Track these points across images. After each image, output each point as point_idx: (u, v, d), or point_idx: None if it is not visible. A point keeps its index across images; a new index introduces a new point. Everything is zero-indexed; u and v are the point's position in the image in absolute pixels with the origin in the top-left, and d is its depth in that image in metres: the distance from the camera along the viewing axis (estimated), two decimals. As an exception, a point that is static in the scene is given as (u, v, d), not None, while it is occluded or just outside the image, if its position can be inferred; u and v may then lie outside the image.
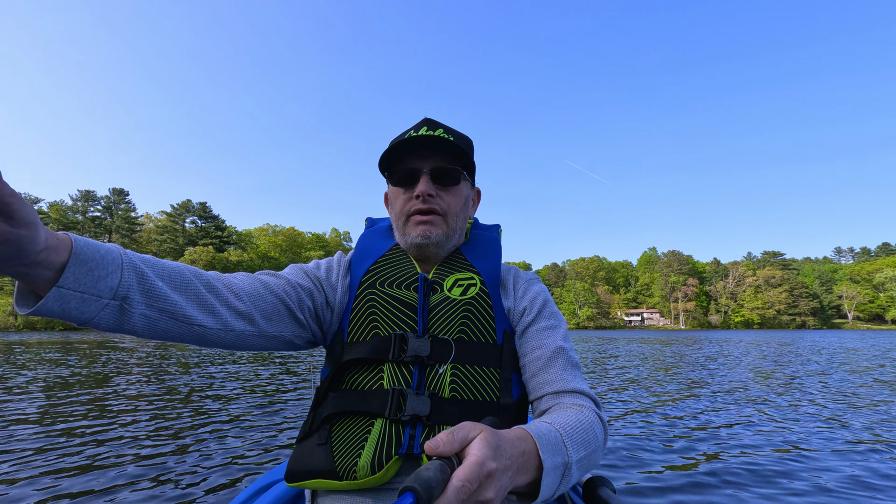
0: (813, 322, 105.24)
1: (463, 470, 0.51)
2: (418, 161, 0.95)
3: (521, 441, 0.64)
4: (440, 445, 0.53)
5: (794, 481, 2.60)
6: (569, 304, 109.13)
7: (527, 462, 0.63)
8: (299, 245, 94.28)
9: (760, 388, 6.26)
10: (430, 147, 0.94)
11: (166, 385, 6.30)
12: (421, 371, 0.84)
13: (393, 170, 0.98)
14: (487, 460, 0.53)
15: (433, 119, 1.00)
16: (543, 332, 0.94)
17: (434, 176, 0.95)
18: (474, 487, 0.51)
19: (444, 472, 0.50)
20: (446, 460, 0.52)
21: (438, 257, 1.00)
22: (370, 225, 1.14)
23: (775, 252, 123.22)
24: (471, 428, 0.57)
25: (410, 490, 0.46)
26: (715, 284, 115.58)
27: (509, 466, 0.58)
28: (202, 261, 71.39)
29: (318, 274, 0.98)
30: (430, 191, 0.94)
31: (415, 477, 0.47)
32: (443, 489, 0.48)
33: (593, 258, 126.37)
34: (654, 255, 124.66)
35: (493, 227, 1.15)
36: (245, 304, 0.81)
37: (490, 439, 0.56)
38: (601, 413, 0.85)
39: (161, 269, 0.71)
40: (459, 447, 0.54)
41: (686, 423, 4.05)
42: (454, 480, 0.50)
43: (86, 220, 74.69)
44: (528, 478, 0.64)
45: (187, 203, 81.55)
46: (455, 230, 0.99)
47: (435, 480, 0.48)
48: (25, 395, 5.31)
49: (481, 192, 1.12)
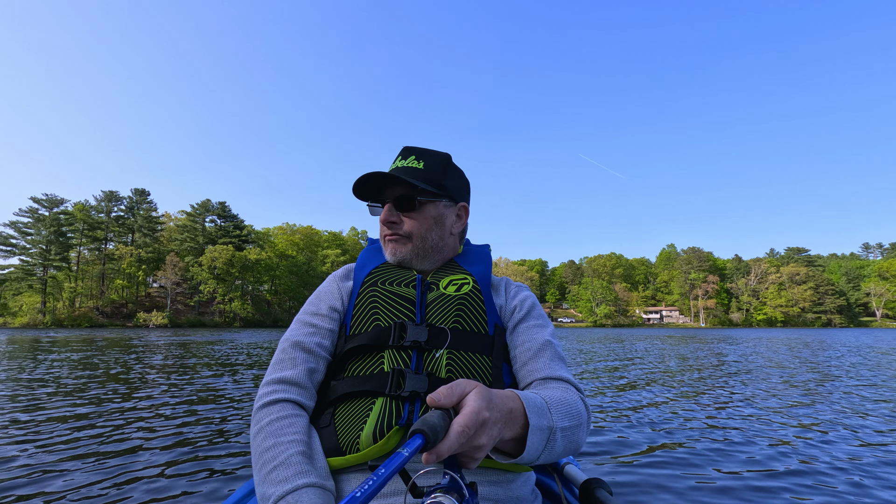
0: (839, 320, 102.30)
1: (462, 417, 0.58)
2: (387, 191, 1.07)
3: (510, 399, 0.72)
4: (441, 398, 0.60)
5: (798, 484, 2.52)
6: (586, 301, 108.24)
7: (514, 419, 0.71)
8: (316, 244, 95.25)
9: (776, 390, 6.03)
10: (386, 181, 1.05)
11: (178, 381, 6.34)
12: (419, 355, 0.92)
13: (368, 201, 1.10)
14: (482, 409, 0.61)
15: (411, 147, 1.09)
16: (532, 329, 1.03)
17: (396, 204, 1.05)
18: (472, 433, 0.58)
19: (445, 419, 0.57)
20: (445, 411, 0.59)
21: (428, 270, 1.10)
22: (371, 243, 1.24)
23: (800, 248, 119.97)
24: (466, 383, 0.64)
25: (420, 432, 0.53)
26: (736, 281, 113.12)
27: (499, 419, 0.66)
28: (222, 259, 72.66)
29: (334, 304, 1.05)
30: (391, 217, 1.05)
31: (422, 422, 0.54)
32: (445, 434, 0.56)
33: (611, 255, 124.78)
34: (674, 251, 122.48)
35: (484, 245, 1.25)
36: (314, 393, 0.95)
37: (483, 393, 0.64)
38: (585, 399, 0.92)
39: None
40: (457, 400, 0.61)
41: (690, 424, 3.92)
42: (455, 426, 0.57)
43: (109, 220, 76.57)
44: (514, 433, 0.72)
45: (207, 202, 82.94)
46: (428, 248, 1.07)
47: (439, 426, 0.55)
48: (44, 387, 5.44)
49: (468, 207, 1.18)
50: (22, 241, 68.74)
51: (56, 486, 2.44)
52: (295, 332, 0.99)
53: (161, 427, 3.75)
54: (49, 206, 70.95)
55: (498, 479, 0.86)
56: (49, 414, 4.23)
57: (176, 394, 5.47)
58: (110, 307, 72.74)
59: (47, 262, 68.69)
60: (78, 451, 3.05)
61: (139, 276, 76.00)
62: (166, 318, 69.44)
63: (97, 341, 18.35)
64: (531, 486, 0.96)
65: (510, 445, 0.74)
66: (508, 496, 0.86)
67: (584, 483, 1.07)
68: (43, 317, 64.35)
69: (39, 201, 70.41)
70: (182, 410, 4.45)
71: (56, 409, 4.49)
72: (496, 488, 0.85)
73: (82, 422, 3.93)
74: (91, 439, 3.35)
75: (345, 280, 1.10)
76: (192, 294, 76.72)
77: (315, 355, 0.96)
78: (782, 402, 5.05)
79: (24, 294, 67.23)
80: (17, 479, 2.54)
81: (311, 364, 0.94)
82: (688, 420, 4.11)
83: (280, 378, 0.90)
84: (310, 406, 0.92)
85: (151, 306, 74.61)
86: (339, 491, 0.82)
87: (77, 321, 65.56)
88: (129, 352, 12.62)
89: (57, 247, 70.14)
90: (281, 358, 0.95)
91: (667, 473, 2.69)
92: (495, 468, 0.87)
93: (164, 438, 3.39)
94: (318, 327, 1.00)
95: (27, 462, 2.83)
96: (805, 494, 2.40)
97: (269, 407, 0.86)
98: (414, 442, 0.52)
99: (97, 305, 71.65)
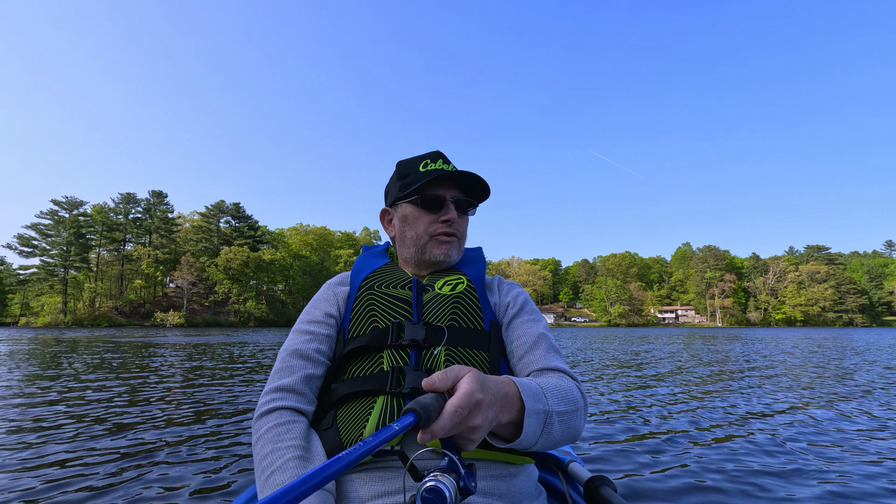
0: (861, 319, 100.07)
1: (455, 398, 0.60)
2: (443, 190, 1.09)
3: (505, 384, 0.74)
4: (436, 382, 0.62)
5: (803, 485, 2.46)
6: (599, 301, 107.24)
7: (510, 402, 0.74)
8: (329, 244, 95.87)
9: (780, 387, 5.76)
10: (456, 180, 1.11)
11: (193, 384, 6.30)
12: (418, 353, 0.94)
13: (422, 194, 1.09)
14: (475, 391, 0.63)
15: (444, 154, 1.14)
16: (527, 324, 1.06)
17: (457, 205, 1.10)
18: (465, 414, 0.60)
19: (440, 401, 0.59)
20: (440, 394, 0.61)
21: (424, 274, 1.14)
22: (366, 249, 1.27)
23: (819, 246, 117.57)
24: (461, 368, 0.66)
25: (412, 411, 0.55)
26: (754, 280, 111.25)
27: (494, 402, 0.68)
28: (237, 259, 73.46)
29: (329, 310, 1.07)
30: (456, 218, 1.09)
31: (415, 402, 0.56)
32: (439, 415, 0.58)
33: (625, 254, 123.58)
34: (689, 250, 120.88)
35: (477, 247, 1.29)
36: (313, 399, 0.97)
37: (477, 377, 0.66)
38: (581, 387, 0.94)
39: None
40: (452, 384, 0.63)
41: (698, 423, 3.82)
42: (448, 406, 0.59)
43: (127, 222, 77.89)
44: (511, 417, 0.74)
45: (221, 203, 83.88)
46: (462, 251, 1.17)
47: (432, 406, 0.57)
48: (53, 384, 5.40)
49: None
50: (43, 243, 70.26)
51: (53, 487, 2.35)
52: (293, 342, 1.01)
53: (169, 424, 3.66)
54: (69, 209, 72.46)
55: (500, 474, 0.87)
56: (51, 411, 4.17)
57: (184, 398, 5.39)
58: (129, 307, 74.00)
59: (67, 262, 70.14)
60: (77, 452, 2.98)
61: (157, 276, 77.18)
62: (183, 318, 70.43)
63: (117, 342, 18.55)
64: (534, 481, 0.96)
65: (508, 430, 0.77)
66: (511, 490, 0.87)
67: (589, 480, 1.07)
68: (64, 316, 65.70)
69: (60, 203, 71.94)
70: (191, 413, 4.37)
71: (60, 408, 4.44)
72: (498, 482, 0.86)
73: (84, 421, 3.87)
74: (93, 439, 3.28)
75: (340, 286, 1.12)
76: (207, 294, 77.69)
77: (313, 361, 0.98)
78: (798, 401, 4.86)
79: (45, 294, 68.70)
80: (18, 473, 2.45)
81: (309, 370, 0.96)
82: (696, 419, 4.02)
83: (278, 387, 0.93)
84: (309, 411, 0.93)
85: (168, 306, 75.71)
86: (343, 490, 0.85)
87: (97, 321, 66.77)
88: (147, 353, 12.67)
89: (77, 248, 71.57)
90: (280, 367, 0.97)
91: (672, 471, 2.64)
92: (497, 461, 0.88)
93: (171, 437, 3.29)
94: (315, 334, 1.01)
95: (32, 455, 2.76)
96: (820, 496, 2.32)
97: (267, 415, 0.89)
98: (406, 419, 0.54)
99: (116, 305, 72.95)
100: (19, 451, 2.96)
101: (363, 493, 0.83)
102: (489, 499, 0.83)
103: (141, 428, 3.62)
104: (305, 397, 0.94)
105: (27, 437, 3.31)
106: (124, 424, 3.75)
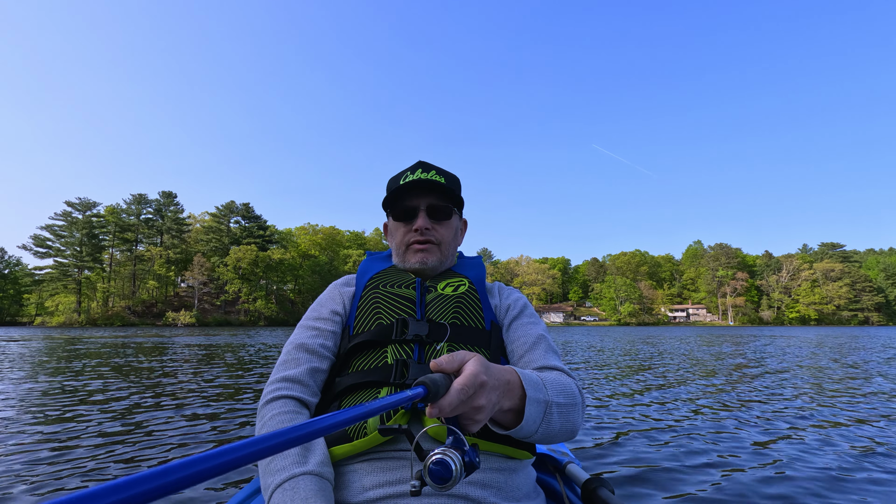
0: (877, 318, 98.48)
1: (461, 378, 0.64)
2: (415, 200, 1.14)
3: (507, 372, 0.78)
4: (443, 363, 0.66)
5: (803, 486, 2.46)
6: (609, 299, 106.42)
7: (512, 389, 0.78)
8: (338, 243, 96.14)
9: (801, 389, 5.59)
10: (426, 188, 1.13)
11: (203, 380, 6.29)
12: (421, 348, 0.98)
13: (394, 207, 1.16)
14: (480, 373, 0.66)
15: (426, 162, 1.19)
16: (527, 325, 1.11)
17: (430, 212, 1.14)
18: (471, 392, 0.64)
19: (447, 380, 0.63)
20: (447, 375, 0.64)
21: (428, 277, 1.19)
22: (370, 255, 1.31)
23: (834, 244, 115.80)
24: (466, 353, 0.70)
25: (422, 384, 0.58)
26: (767, 278, 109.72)
27: (497, 386, 0.72)
28: (247, 259, 73.99)
29: (335, 308, 1.12)
30: (427, 225, 1.13)
31: (425, 377, 0.60)
32: (446, 392, 0.61)
33: (635, 252, 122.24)
34: (700, 248, 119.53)
35: (477, 256, 1.34)
36: (317, 391, 1.00)
37: (482, 361, 0.69)
38: (578, 385, 0.97)
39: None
40: (458, 366, 0.67)
41: (696, 424, 3.80)
42: (455, 385, 0.62)
43: (139, 223, 78.78)
44: (513, 403, 0.78)
45: (231, 204, 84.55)
46: (448, 255, 1.19)
47: (441, 382, 0.60)
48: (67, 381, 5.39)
49: (467, 223, 1.30)
50: (57, 244, 71.33)
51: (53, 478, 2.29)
52: (299, 336, 1.05)
53: (171, 419, 3.62)
54: (82, 210, 73.48)
55: (500, 467, 0.89)
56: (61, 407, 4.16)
57: (190, 390, 5.38)
58: (141, 307, 74.90)
59: (81, 263, 71.10)
60: (82, 445, 3.00)
61: (169, 276, 78.03)
62: (194, 318, 71.11)
63: (132, 341, 18.71)
64: (532, 480, 0.98)
65: (509, 417, 0.80)
66: (509, 485, 0.89)
67: (586, 482, 1.08)
68: (78, 316, 66.56)
69: (73, 205, 73.00)
70: (197, 404, 4.38)
71: (71, 406, 4.42)
72: (497, 475, 0.88)
73: (87, 420, 3.85)
74: (100, 436, 3.27)
75: (346, 286, 1.17)
76: (218, 293, 78.40)
77: (318, 355, 1.01)
78: (803, 402, 4.78)
79: (59, 294, 69.71)
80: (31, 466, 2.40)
81: (314, 363, 1.00)
82: (694, 420, 4.00)
83: (283, 377, 0.96)
84: (312, 402, 0.96)
85: (180, 305, 76.51)
86: (345, 480, 0.87)
87: (110, 320, 67.65)
88: (160, 351, 12.76)
89: (90, 248, 72.59)
90: (285, 359, 1.01)
91: (670, 473, 2.64)
92: (497, 454, 0.90)
93: (174, 431, 3.25)
94: (320, 329, 1.05)
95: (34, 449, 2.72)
96: (816, 495, 2.35)
97: (271, 403, 0.92)
98: (416, 389, 0.57)
99: (129, 305, 73.86)
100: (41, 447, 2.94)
101: (367, 483, 0.85)
102: (488, 491, 0.85)
103: (153, 423, 3.60)
104: (310, 389, 0.97)
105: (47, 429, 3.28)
106: (139, 422, 3.73)
